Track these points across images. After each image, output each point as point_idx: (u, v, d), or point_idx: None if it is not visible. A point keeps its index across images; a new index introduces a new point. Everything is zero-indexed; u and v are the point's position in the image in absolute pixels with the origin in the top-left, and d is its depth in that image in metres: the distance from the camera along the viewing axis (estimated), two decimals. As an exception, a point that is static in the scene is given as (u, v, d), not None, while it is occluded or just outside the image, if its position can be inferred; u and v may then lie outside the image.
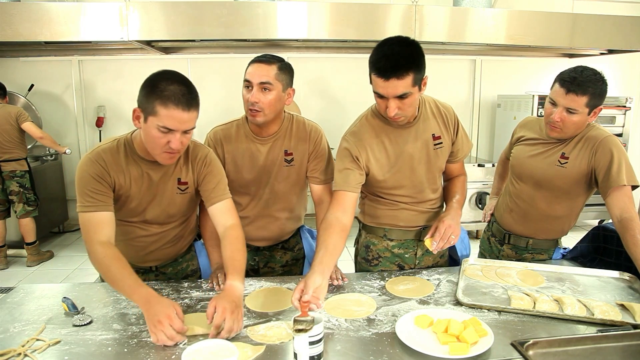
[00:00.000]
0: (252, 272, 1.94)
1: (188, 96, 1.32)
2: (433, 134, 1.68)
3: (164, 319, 1.18)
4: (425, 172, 1.72)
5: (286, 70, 1.65)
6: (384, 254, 1.81)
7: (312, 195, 1.83)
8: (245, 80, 1.63)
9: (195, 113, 1.36)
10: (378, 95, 1.51)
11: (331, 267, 1.44)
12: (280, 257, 1.95)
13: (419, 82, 1.47)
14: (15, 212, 3.93)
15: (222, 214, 1.55)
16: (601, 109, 1.68)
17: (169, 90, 1.30)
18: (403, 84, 1.43)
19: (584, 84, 1.60)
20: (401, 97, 1.46)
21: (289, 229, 1.93)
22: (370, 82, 1.51)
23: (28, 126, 3.87)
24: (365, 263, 1.85)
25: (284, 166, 1.75)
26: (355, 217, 1.74)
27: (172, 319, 1.19)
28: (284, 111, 1.76)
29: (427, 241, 1.61)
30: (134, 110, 1.37)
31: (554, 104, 1.68)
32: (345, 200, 1.59)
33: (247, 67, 1.64)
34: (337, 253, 1.49)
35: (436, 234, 1.58)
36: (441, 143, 1.70)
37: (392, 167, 1.67)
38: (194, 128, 1.38)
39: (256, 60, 1.63)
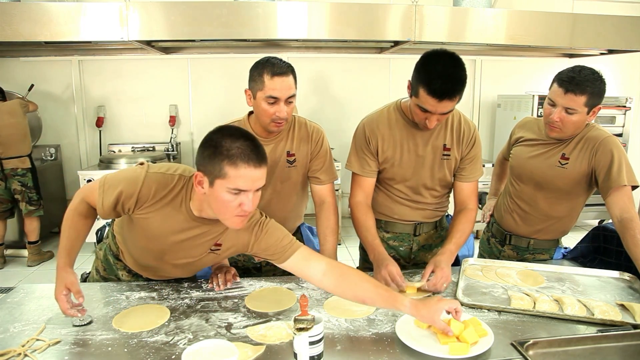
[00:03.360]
0: (254, 270, 1.94)
1: (257, 151, 1.21)
2: (444, 144, 1.72)
3: (58, 296, 1.27)
4: (428, 177, 1.75)
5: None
6: None
7: (313, 197, 1.84)
8: (271, 97, 1.55)
9: (266, 169, 1.25)
10: (422, 109, 1.54)
11: (382, 250, 1.65)
12: (282, 255, 1.95)
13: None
14: (21, 210, 3.94)
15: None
16: (600, 108, 1.68)
17: (235, 148, 1.19)
18: (453, 104, 1.52)
19: (582, 83, 1.60)
20: (445, 112, 1.54)
21: (290, 227, 1.92)
22: (415, 94, 1.53)
23: (32, 107, 4.10)
24: (366, 262, 1.86)
25: (286, 167, 1.76)
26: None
27: (60, 300, 1.26)
28: None
29: (414, 285, 1.54)
30: (195, 176, 1.25)
31: (552, 104, 1.68)
32: (364, 183, 1.78)
33: (265, 80, 1.55)
34: (375, 231, 1.74)
35: (432, 278, 1.53)
36: (449, 155, 1.73)
37: (396, 161, 1.73)
38: (264, 185, 1.28)
39: (277, 74, 1.54)
